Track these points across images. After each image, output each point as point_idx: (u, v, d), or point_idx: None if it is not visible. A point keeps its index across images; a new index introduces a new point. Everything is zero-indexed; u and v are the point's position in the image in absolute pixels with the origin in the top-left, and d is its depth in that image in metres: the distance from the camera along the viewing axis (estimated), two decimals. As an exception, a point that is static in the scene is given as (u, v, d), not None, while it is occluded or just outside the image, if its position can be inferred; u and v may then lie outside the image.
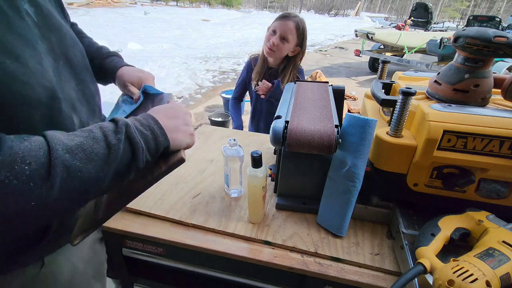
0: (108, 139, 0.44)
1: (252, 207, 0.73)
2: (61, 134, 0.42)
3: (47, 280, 0.59)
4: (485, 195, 0.63)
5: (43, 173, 0.37)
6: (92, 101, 0.63)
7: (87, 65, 0.65)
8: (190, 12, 18.56)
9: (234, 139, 0.77)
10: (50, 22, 0.52)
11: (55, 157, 0.38)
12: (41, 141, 0.39)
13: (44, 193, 0.37)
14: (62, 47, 0.54)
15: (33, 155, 0.37)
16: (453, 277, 0.45)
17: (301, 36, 1.37)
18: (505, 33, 0.61)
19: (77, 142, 0.41)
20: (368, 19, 22.66)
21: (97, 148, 0.43)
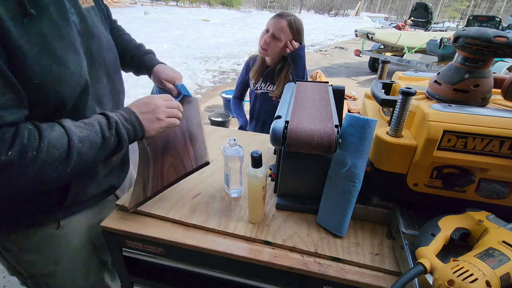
0: (103, 133, 0.60)
1: (252, 207, 0.73)
2: (74, 126, 0.57)
3: (60, 240, 0.73)
4: (485, 195, 0.63)
5: (65, 156, 0.54)
6: (117, 98, 0.78)
7: (118, 66, 0.79)
8: (190, 12, 18.56)
9: (234, 139, 0.77)
10: (92, 31, 0.65)
11: (72, 146, 0.55)
12: (63, 132, 0.55)
13: (62, 169, 0.55)
14: (99, 52, 0.68)
15: (59, 143, 0.54)
16: (453, 277, 0.45)
17: (296, 34, 1.37)
18: (505, 33, 0.61)
19: (85, 134, 0.57)
20: (368, 19, 22.65)
21: (96, 139, 0.59)
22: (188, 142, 0.82)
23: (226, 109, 3.83)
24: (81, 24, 0.61)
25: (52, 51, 0.53)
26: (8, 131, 0.49)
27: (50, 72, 0.52)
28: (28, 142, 0.51)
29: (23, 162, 0.50)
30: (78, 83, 0.58)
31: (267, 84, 1.50)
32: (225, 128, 1.46)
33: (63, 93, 0.56)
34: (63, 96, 0.56)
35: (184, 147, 0.81)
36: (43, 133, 0.52)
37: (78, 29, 0.60)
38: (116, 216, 0.77)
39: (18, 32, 0.48)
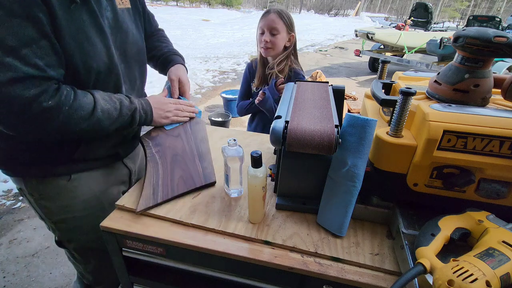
0: (122, 110, 0.80)
1: (252, 207, 0.73)
2: (101, 98, 0.75)
3: (70, 191, 0.87)
4: (485, 195, 0.63)
5: (87, 117, 0.72)
6: (134, 82, 0.94)
7: (140, 58, 0.94)
8: (190, 12, 18.56)
9: (234, 139, 0.77)
10: (121, 26, 0.82)
11: (95, 112, 0.73)
12: (92, 100, 0.73)
13: (83, 126, 0.72)
14: (123, 43, 0.84)
15: (86, 108, 0.72)
16: (453, 277, 0.45)
17: (288, 21, 1.38)
18: (505, 33, 0.61)
19: (108, 107, 0.76)
20: (368, 19, 22.65)
21: (114, 113, 0.78)
22: (197, 159, 0.93)
23: (226, 109, 3.83)
24: (113, 19, 0.79)
25: (85, 33, 0.70)
26: (52, 85, 0.66)
27: (82, 47, 0.70)
28: (65, 98, 0.68)
29: (57, 111, 0.67)
30: (102, 60, 0.75)
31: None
32: (225, 128, 1.45)
33: (90, 65, 0.72)
34: (90, 67, 0.73)
35: (193, 163, 0.91)
36: (77, 97, 0.70)
37: (110, 22, 0.78)
38: (116, 216, 0.77)
39: (63, 14, 0.65)
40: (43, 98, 0.64)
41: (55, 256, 1.76)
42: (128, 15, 0.87)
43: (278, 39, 1.36)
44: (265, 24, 1.36)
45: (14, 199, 2.20)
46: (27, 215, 2.05)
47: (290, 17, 1.39)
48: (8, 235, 1.89)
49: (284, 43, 1.40)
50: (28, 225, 1.97)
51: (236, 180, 0.81)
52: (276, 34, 1.35)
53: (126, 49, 0.86)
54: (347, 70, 7.09)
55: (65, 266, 1.69)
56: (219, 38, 10.19)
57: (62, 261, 1.73)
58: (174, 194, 0.80)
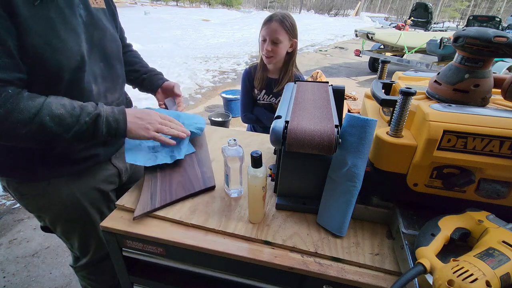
0: (80, 118, 0.72)
1: (252, 207, 0.73)
2: (55, 103, 0.70)
3: (50, 194, 0.87)
4: (485, 195, 0.63)
5: (26, 122, 0.66)
6: (116, 80, 0.91)
7: (119, 56, 0.93)
8: (190, 12, 18.56)
9: (234, 139, 0.77)
10: (96, 23, 0.80)
11: (37, 117, 0.67)
12: (39, 103, 0.68)
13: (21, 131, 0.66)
14: (100, 40, 0.82)
15: (27, 110, 0.66)
16: (453, 277, 0.45)
17: (290, 29, 1.37)
18: (505, 33, 0.61)
19: (60, 113, 0.69)
20: (368, 19, 22.66)
21: (69, 120, 0.71)
22: (196, 164, 0.93)
23: (226, 109, 3.83)
24: (87, 17, 0.78)
25: (54, 30, 0.68)
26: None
27: (51, 44, 0.68)
28: (1, 100, 0.64)
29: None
30: (75, 57, 0.73)
31: (270, 96, 1.50)
32: (225, 128, 1.45)
33: (60, 62, 0.70)
34: (61, 65, 0.70)
35: (192, 168, 0.91)
36: (20, 99, 0.66)
37: (84, 20, 0.77)
38: (116, 216, 0.77)
39: (28, 12, 0.64)
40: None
41: (55, 256, 1.76)
42: (104, 15, 0.86)
43: (280, 48, 1.36)
44: (267, 33, 1.35)
45: (14, 199, 2.20)
46: (27, 215, 2.05)
47: (293, 23, 1.38)
48: (8, 235, 1.89)
49: (286, 50, 1.40)
50: (28, 225, 1.97)
51: (236, 180, 0.81)
52: (278, 43, 1.35)
53: (105, 46, 0.84)
54: (347, 70, 7.09)
55: (65, 266, 1.69)
56: (219, 38, 10.19)
57: (62, 261, 1.73)
58: (173, 199, 0.79)
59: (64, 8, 0.70)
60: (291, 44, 1.40)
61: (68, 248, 1.08)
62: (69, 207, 0.91)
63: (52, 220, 0.95)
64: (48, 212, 0.92)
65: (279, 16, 1.36)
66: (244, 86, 1.56)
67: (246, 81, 1.55)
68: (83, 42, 0.76)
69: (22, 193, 0.88)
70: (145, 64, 1.16)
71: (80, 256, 1.07)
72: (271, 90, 1.49)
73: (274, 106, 1.52)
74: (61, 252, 1.79)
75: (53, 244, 1.84)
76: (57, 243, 1.84)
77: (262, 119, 1.53)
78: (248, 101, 1.57)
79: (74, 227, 0.97)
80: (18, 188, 0.87)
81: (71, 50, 0.71)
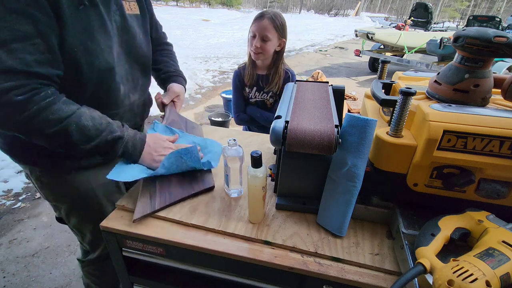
0: (103, 133, 0.76)
1: (252, 207, 0.73)
2: (87, 114, 0.74)
3: (70, 184, 0.92)
4: (485, 195, 0.63)
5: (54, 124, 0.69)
6: (136, 81, 0.97)
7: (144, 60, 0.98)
8: (190, 12, 18.56)
9: (234, 139, 0.77)
10: (128, 29, 0.87)
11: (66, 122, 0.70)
12: (71, 110, 0.72)
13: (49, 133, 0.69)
14: (129, 44, 0.89)
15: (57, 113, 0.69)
16: (453, 277, 0.45)
17: (280, 28, 1.38)
18: (505, 33, 0.61)
19: (87, 124, 0.73)
20: (368, 19, 22.66)
21: (93, 133, 0.74)
22: None
23: (226, 109, 3.83)
24: (121, 22, 0.84)
25: (91, 33, 0.74)
26: (32, 83, 0.66)
27: (85, 46, 0.73)
28: (38, 98, 0.66)
29: (23, 107, 0.65)
30: (106, 59, 0.78)
31: (261, 93, 1.51)
32: (225, 128, 1.45)
33: (92, 63, 0.76)
34: (92, 66, 0.76)
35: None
36: (55, 101, 0.69)
37: (118, 25, 0.83)
38: (116, 216, 0.77)
39: (71, 14, 0.69)
40: (16, 92, 0.64)
41: (55, 256, 1.76)
42: (137, 21, 0.92)
43: (268, 45, 1.37)
44: (257, 29, 1.36)
45: (14, 199, 2.20)
46: (27, 215, 2.05)
47: (284, 23, 1.40)
48: (8, 235, 1.89)
49: (274, 48, 1.41)
50: (28, 225, 1.97)
51: (236, 180, 0.81)
52: (267, 40, 1.36)
53: (133, 50, 0.91)
54: (347, 70, 7.09)
55: (65, 266, 1.69)
56: (219, 38, 10.19)
57: (62, 261, 1.73)
58: (172, 201, 0.79)
59: (103, 13, 0.76)
60: (279, 43, 1.41)
61: (79, 241, 1.11)
62: (85, 198, 0.95)
63: (68, 211, 0.99)
64: (65, 202, 0.97)
65: (270, 14, 1.37)
66: (235, 86, 1.58)
67: (236, 81, 1.57)
68: (115, 46, 0.81)
69: (43, 182, 0.92)
70: (171, 64, 1.17)
71: (90, 250, 1.10)
72: (262, 87, 1.50)
73: (267, 102, 1.52)
74: (61, 252, 1.79)
75: (53, 244, 1.84)
76: (57, 243, 1.85)
77: (255, 117, 1.54)
78: (240, 101, 1.58)
79: (88, 219, 1.00)
80: (40, 177, 0.91)
81: (103, 53, 0.77)
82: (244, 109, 1.59)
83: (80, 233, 1.05)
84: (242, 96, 1.58)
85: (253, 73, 1.50)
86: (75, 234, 1.08)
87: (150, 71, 1.05)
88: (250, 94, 1.54)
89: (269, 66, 1.48)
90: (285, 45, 1.45)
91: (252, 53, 1.41)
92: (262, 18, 1.36)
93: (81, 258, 1.15)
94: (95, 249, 1.08)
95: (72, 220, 1.01)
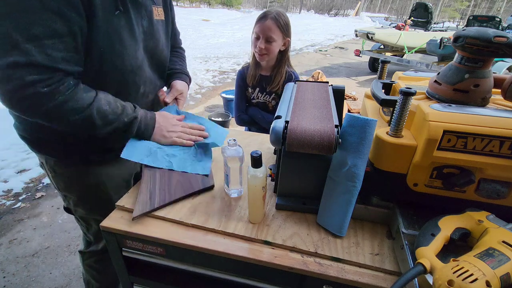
0: (120, 116, 0.82)
1: (252, 207, 0.73)
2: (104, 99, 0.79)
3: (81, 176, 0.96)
4: (485, 195, 0.63)
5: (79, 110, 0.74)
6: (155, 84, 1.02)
7: (164, 65, 1.05)
8: (190, 12, 18.55)
9: (234, 139, 0.77)
10: (153, 34, 0.91)
11: (89, 109, 0.76)
12: (92, 97, 0.77)
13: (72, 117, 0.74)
14: (153, 49, 0.93)
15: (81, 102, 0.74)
16: (453, 277, 0.45)
17: (284, 27, 1.36)
18: (505, 33, 0.61)
19: (105, 109, 0.79)
20: (368, 19, 22.67)
21: (111, 117, 0.80)
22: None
23: (226, 109, 3.83)
24: (148, 28, 0.88)
25: (120, 36, 0.77)
26: (56, 76, 0.69)
27: (113, 48, 0.77)
28: (62, 88, 0.71)
29: (49, 98, 0.69)
30: (130, 62, 0.83)
31: (264, 94, 1.50)
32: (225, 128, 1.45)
33: (118, 64, 0.80)
34: (117, 67, 0.80)
35: None
36: (77, 90, 0.74)
37: (144, 29, 0.87)
38: (116, 216, 0.77)
39: (104, 16, 0.72)
40: (41, 85, 0.67)
41: (55, 256, 1.76)
42: (162, 26, 0.96)
43: (273, 46, 1.35)
44: (260, 30, 1.34)
45: (14, 199, 2.20)
46: (27, 215, 2.05)
47: (287, 22, 1.37)
48: (8, 235, 1.89)
49: (279, 48, 1.39)
50: (28, 225, 1.97)
51: (236, 180, 0.81)
52: (272, 41, 1.34)
53: (156, 55, 0.95)
54: (347, 70, 7.09)
55: (65, 266, 1.69)
56: (219, 38, 10.19)
57: (62, 261, 1.73)
58: (172, 199, 0.79)
59: (133, 18, 0.80)
60: (284, 43, 1.39)
61: (83, 231, 1.13)
62: (95, 191, 0.98)
63: (76, 201, 1.02)
64: (74, 192, 1.00)
65: (273, 13, 1.34)
66: (238, 86, 1.56)
67: (239, 81, 1.55)
68: (140, 50, 0.86)
69: (56, 172, 0.96)
70: (177, 63, 1.19)
71: (93, 241, 1.12)
72: (265, 88, 1.48)
73: (268, 105, 1.51)
74: (61, 252, 1.79)
75: (53, 244, 1.84)
76: (57, 243, 1.85)
77: (256, 118, 1.53)
78: (242, 101, 1.57)
79: (95, 210, 1.02)
80: (53, 166, 0.95)
81: (129, 56, 0.81)
82: (245, 110, 1.58)
83: (86, 224, 1.08)
84: (244, 97, 1.57)
85: (256, 74, 1.48)
86: (80, 224, 1.10)
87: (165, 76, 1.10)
88: (253, 95, 1.52)
89: (273, 66, 1.46)
90: (290, 44, 1.43)
91: (256, 54, 1.39)
92: (265, 18, 1.34)
93: (83, 250, 1.16)
94: (99, 241, 1.11)
95: (78, 211, 1.04)
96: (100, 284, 1.24)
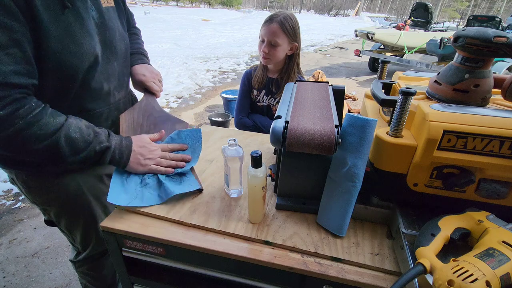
0: (91, 145, 0.76)
1: (252, 207, 0.73)
2: (75, 125, 0.73)
3: (59, 188, 0.90)
4: (485, 195, 0.63)
5: (43, 139, 0.68)
6: (122, 79, 0.95)
7: (127, 55, 0.97)
8: (190, 12, 18.56)
9: (234, 139, 0.77)
10: (107, 24, 0.83)
11: (55, 136, 0.69)
12: (60, 123, 0.70)
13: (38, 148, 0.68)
14: (112, 40, 0.85)
15: (45, 128, 0.68)
16: (453, 277, 0.45)
17: (291, 31, 1.31)
18: (505, 33, 0.61)
19: (75, 136, 0.73)
20: (368, 19, 22.68)
21: (81, 145, 0.74)
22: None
23: (226, 109, 3.83)
24: (99, 18, 0.80)
25: (72, 35, 0.71)
26: (13, 94, 0.63)
27: (69, 49, 0.71)
28: (24, 111, 0.64)
29: (8, 123, 0.63)
30: (89, 59, 0.76)
31: (269, 97, 1.47)
32: (225, 128, 1.45)
33: (76, 65, 0.73)
34: (76, 68, 0.74)
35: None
36: (42, 114, 0.67)
37: (96, 21, 0.79)
38: (116, 216, 0.77)
39: (49, 18, 0.66)
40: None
41: (55, 256, 1.76)
42: (113, 13, 0.88)
43: (277, 50, 1.31)
44: (265, 33, 1.31)
45: (14, 199, 2.20)
46: (27, 215, 2.05)
47: (294, 26, 1.32)
48: (8, 235, 1.89)
49: (285, 53, 1.35)
50: (28, 225, 1.97)
51: (236, 180, 0.81)
52: (276, 46, 1.30)
53: (115, 46, 0.87)
54: (347, 70, 7.09)
55: (65, 266, 1.69)
56: (219, 38, 10.19)
57: (62, 261, 1.73)
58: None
59: (81, 12, 0.72)
60: (291, 48, 1.35)
61: (70, 242, 1.10)
62: (74, 200, 0.93)
63: (57, 213, 0.97)
64: (54, 205, 0.94)
65: (280, 17, 1.29)
66: (243, 86, 1.52)
67: (245, 82, 1.51)
68: (97, 44, 0.78)
69: (30, 186, 0.89)
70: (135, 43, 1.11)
71: (81, 250, 1.09)
72: (271, 91, 1.46)
73: (273, 108, 1.48)
74: (61, 252, 1.79)
75: (53, 244, 1.84)
76: (57, 243, 1.85)
77: (262, 126, 1.48)
78: (245, 103, 1.52)
79: (78, 220, 0.99)
80: (26, 181, 0.88)
81: (86, 53, 0.74)
82: (248, 113, 1.53)
83: (71, 235, 1.05)
84: (248, 99, 1.52)
85: (264, 76, 1.45)
86: (66, 236, 1.07)
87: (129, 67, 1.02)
88: (258, 97, 1.49)
89: (281, 69, 1.43)
90: (299, 49, 1.38)
91: (261, 58, 1.37)
92: (271, 22, 1.30)
93: (72, 259, 1.14)
94: (85, 248, 1.08)
95: (62, 223, 1.00)
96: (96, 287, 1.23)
